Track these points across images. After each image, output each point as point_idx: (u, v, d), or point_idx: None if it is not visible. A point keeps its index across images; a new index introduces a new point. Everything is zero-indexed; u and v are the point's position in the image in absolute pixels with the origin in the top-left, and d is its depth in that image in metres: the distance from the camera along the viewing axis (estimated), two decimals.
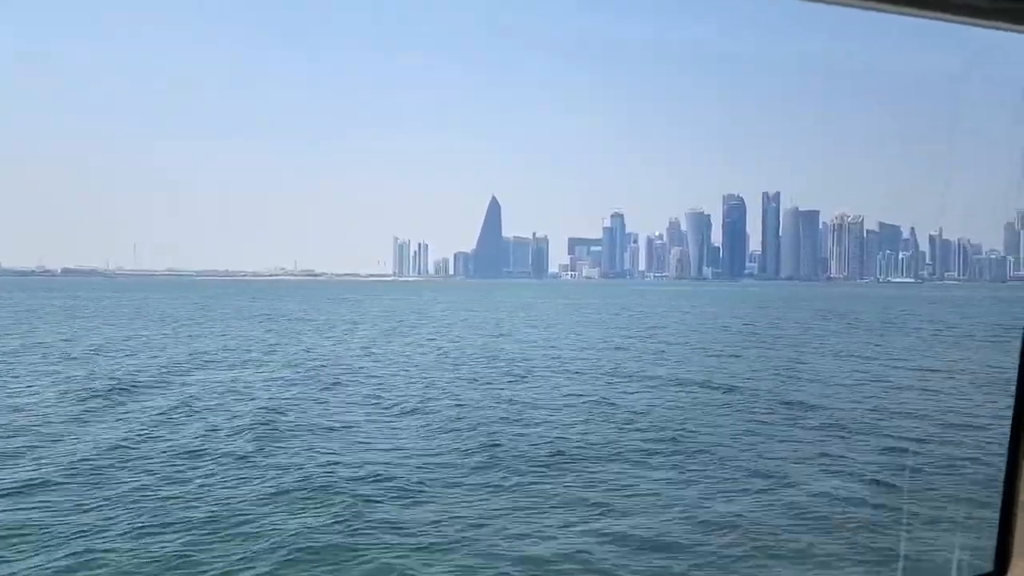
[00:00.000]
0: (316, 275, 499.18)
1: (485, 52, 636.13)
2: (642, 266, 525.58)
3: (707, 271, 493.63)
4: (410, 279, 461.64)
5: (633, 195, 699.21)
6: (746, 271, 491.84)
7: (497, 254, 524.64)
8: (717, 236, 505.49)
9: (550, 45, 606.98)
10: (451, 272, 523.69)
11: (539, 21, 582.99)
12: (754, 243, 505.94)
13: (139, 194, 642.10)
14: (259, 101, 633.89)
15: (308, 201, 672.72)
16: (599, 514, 17.54)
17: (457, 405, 31.27)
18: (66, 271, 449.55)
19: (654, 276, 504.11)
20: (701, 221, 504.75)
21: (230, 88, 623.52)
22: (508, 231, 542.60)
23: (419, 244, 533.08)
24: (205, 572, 14.22)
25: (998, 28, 2.76)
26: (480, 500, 18.33)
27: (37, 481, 19.49)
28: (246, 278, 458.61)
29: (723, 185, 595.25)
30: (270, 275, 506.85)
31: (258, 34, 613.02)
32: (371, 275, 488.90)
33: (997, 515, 3.37)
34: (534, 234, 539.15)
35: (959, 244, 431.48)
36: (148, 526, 16.20)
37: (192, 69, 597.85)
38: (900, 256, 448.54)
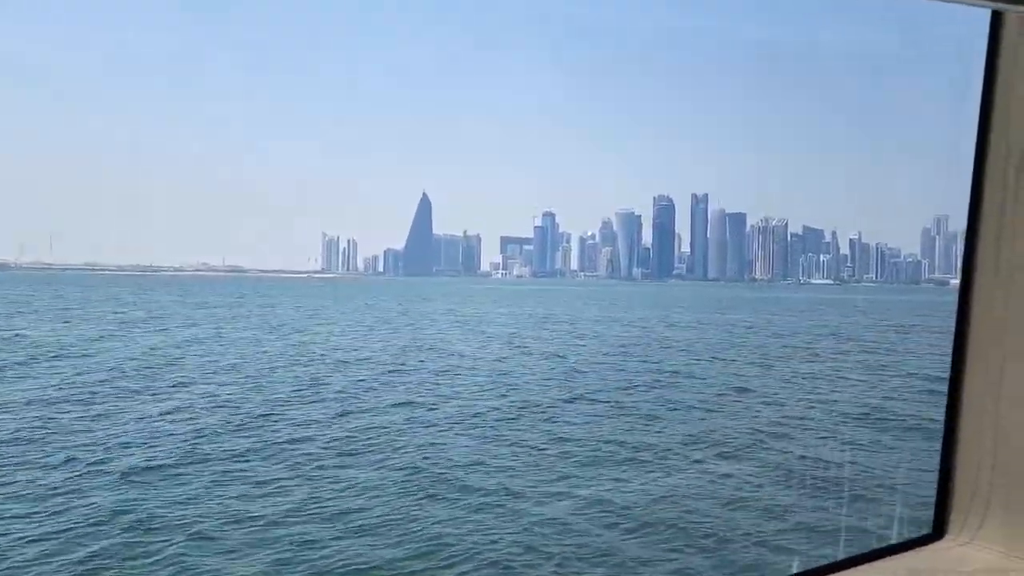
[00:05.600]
0: (243, 271, 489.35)
1: (427, 45, 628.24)
2: (574, 266, 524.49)
3: (637, 271, 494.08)
4: (329, 276, 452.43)
5: (569, 194, 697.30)
6: (674, 272, 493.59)
7: (427, 252, 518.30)
8: (650, 237, 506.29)
9: (492, 35, 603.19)
10: (380, 269, 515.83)
11: (468, 9, 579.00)
12: (686, 244, 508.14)
13: (59, 184, 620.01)
14: (191, 94, 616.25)
15: (239, 197, 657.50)
16: None
17: None
18: None
19: (585, 276, 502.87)
20: (632, 221, 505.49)
21: (160, 78, 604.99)
22: (441, 229, 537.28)
23: (348, 241, 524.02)
24: None
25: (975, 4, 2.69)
26: None
27: None
28: (168, 273, 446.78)
29: (656, 185, 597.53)
30: (194, 271, 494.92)
31: (192, 24, 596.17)
32: (294, 272, 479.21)
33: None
34: (465, 232, 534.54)
35: (877, 248, 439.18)
36: None
37: (121, 58, 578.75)
38: (821, 259, 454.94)
